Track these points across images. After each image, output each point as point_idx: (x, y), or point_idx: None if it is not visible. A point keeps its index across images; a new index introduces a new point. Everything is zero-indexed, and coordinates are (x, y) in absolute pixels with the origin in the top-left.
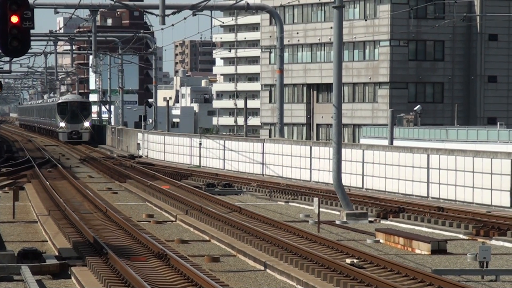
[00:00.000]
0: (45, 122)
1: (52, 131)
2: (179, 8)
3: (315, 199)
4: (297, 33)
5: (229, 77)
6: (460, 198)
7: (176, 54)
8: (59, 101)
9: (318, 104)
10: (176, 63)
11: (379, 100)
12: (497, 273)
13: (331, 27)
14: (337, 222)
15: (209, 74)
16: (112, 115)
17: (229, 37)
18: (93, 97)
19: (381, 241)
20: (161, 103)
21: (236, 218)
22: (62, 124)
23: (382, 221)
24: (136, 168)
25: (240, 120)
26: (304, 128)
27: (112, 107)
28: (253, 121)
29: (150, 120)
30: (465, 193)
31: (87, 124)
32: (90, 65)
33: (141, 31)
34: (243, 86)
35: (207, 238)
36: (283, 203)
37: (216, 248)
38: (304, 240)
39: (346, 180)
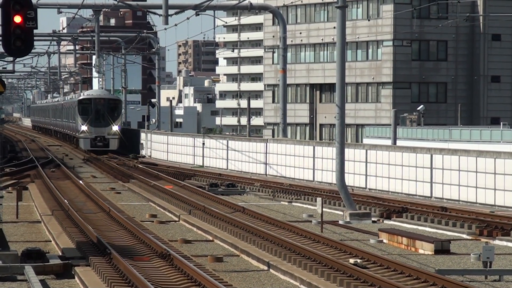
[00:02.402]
0: (63, 125)
1: (72, 137)
2: (182, 8)
3: (318, 199)
4: (300, 33)
5: (232, 77)
6: (464, 198)
7: (179, 54)
8: (81, 98)
9: (321, 104)
10: (179, 63)
11: (382, 100)
12: (500, 273)
13: (334, 27)
14: (340, 222)
15: (212, 74)
16: None
17: (232, 37)
18: None
19: (385, 241)
20: (164, 103)
21: (239, 218)
22: (84, 128)
23: (386, 221)
24: (139, 168)
25: (243, 120)
26: (307, 128)
27: None
28: (256, 121)
29: (153, 120)
30: (468, 193)
31: (115, 128)
32: (93, 65)
33: (144, 31)
34: (246, 86)
35: (211, 238)
36: (286, 203)
37: (219, 248)
38: (308, 240)
39: (349, 180)
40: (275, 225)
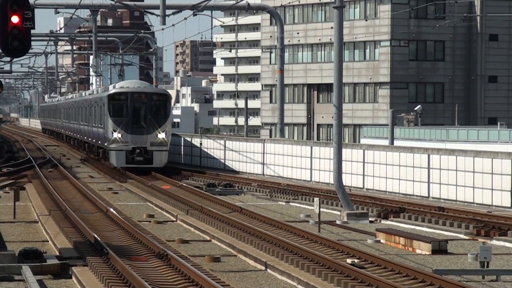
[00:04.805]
0: (84, 131)
1: (98, 147)
2: (179, 8)
3: (316, 199)
4: (298, 33)
5: (229, 77)
6: (461, 198)
7: (177, 54)
8: (112, 91)
9: (319, 104)
10: (177, 63)
11: (379, 100)
12: (497, 273)
13: (332, 27)
14: (338, 222)
15: (210, 74)
16: None
17: (230, 37)
18: None
19: (382, 241)
20: None
21: (237, 218)
22: (116, 135)
23: (383, 221)
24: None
25: (241, 120)
26: (305, 128)
27: None
28: (254, 121)
29: None
30: (465, 193)
31: (162, 135)
32: (90, 65)
33: (142, 31)
34: (244, 86)
35: (208, 238)
36: (284, 203)
37: (216, 248)
38: (305, 240)
39: (346, 180)
40: (272, 225)
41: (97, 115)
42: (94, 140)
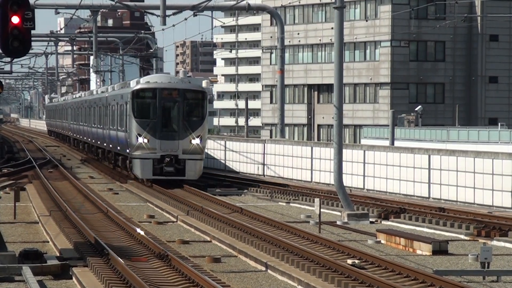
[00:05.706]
0: (98, 134)
1: (116, 154)
2: (179, 9)
3: (316, 200)
4: (298, 33)
5: (230, 78)
6: (461, 199)
7: (177, 55)
8: (137, 87)
9: (319, 104)
10: (177, 63)
11: (380, 101)
12: (498, 274)
13: (332, 28)
14: (338, 222)
15: (210, 75)
16: None
17: (230, 37)
18: None
19: (382, 241)
20: None
21: (237, 218)
22: (142, 140)
23: (383, 222)
24: None
25: (241, 121)
26: (305, 128)
27: None
28: (254, 121)
29: None
30: (466, 194)
31: (196, 141)
32: (91, 65)
33: (142, 31)
34: (244, 86)
35: (208, 238)
36: (284, 204)
37: (217, 249)
38: (305, 240)
39: (347, 181)
40: (273, 226)
41: (116, 116)
42: (111, 146)
